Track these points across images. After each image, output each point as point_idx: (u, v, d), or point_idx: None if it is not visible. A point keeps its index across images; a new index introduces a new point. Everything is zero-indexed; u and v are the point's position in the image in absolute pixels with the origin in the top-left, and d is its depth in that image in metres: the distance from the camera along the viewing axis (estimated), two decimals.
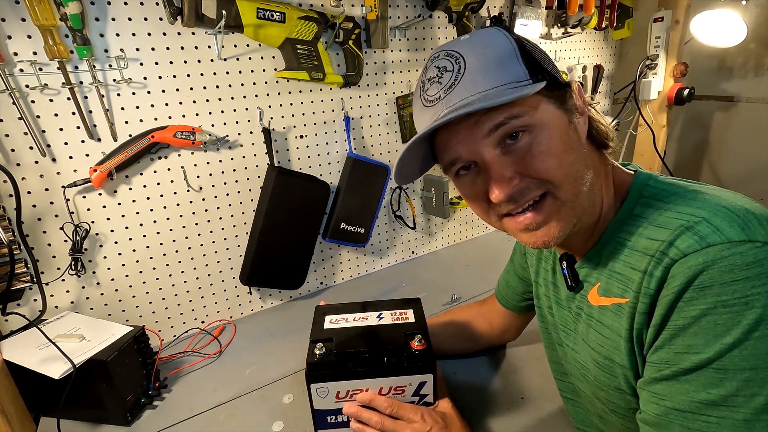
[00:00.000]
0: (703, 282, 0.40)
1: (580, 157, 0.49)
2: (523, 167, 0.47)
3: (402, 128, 1.30)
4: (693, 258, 0.41)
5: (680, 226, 0.44)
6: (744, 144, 1.52)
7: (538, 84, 0.45)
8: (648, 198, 0.50)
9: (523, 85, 0.45)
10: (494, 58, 0.46)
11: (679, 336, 0.42)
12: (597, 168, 0.52)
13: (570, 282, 0.58)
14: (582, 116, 0.51)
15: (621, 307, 0.50)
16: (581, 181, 0.48)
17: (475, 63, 0.46)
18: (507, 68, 0.46)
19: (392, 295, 1.23)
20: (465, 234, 1.56)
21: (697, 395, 0.41)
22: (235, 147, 1.06)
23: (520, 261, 0.78)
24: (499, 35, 0.48)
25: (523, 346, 0.94)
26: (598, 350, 0.54)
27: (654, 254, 0.45)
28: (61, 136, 0.87)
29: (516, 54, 0.46)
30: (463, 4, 1.18)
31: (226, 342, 1.05)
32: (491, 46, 0.47)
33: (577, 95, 0.51)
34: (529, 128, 0.46)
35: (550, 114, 0.47)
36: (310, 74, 1.05)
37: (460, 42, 0.49)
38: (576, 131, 0.50)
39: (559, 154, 0.47)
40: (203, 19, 0.89)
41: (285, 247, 1.12)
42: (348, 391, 0.69)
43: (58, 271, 0.92)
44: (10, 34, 0.79)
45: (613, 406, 0.56)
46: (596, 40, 1.64)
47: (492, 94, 0.44)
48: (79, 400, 0.78)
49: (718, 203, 0.44)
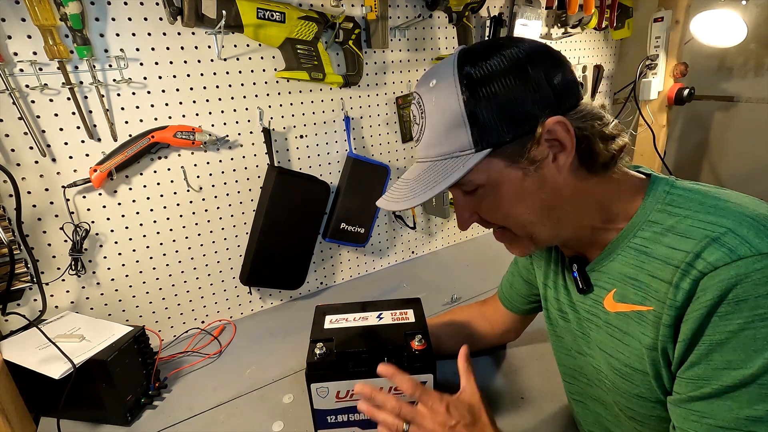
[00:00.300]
0: (738, 296, 0.40)
1: (536, 203, 0.51)
2: (479, 210, 0.54)
3: (402, 128, 1.30)
4: (725, 271, 0.40)
5: (705, 236, 0.43)
6: (744, 144, 1.52)
7: (479, 153, 0.48)
8: (666, 204, 0.49)
9: (465, 155, 0.49)
10: (444, 124, 0.49)
11: (716, 351, 0.42)
12: (584, 192, 0.51)
13: (581, 285, 0.57)
14: (563, 152, 0.49)
15: (642, 315, 0.49)
16: (537, 223, 0.52)
17: (430, 124, 0.51)
18: (454, 136, 0.49)
19: (392, 295, 1.23)
20: (465, 234, 1.56)
21: (741, 412, 0.40)
22: (235, 147, 1.06)
23: (525, 263, 0.78)
24: (452, 95, 0.48)
25: (523, 346, 0.94)
26: (616, 356, 0.53)
27: (679, 265, 0.44)
28: (61, 136, 0.87)
29: (464, 121, 0.48)
30: (463, 4, 1.18)
31: (226, 342, 1.05)
32: (444, 110, 0.49)
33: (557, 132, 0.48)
34: (481, 186, 0.51)
35: (499, 173, 0.50)
36: (310, 74, 1.05)
37: (428, 92, 0.51)
38: (539, 177, 0.49)
39: (505, 208, 0.52)
40: (203, 19, 0.89)
41: (285, 247, 1.12)
42: (348, 391, 0.69)
43: (58, 271, 0.92)
44: (10, 34, 0.79)
45: (632, 413, 0.55)
46: (596, 40, 1.64)
47: (427, 174, 0.51)
48: (79, 400, 0.78)
49: (741, 212, 0.44)
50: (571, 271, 0.59)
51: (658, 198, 0.50)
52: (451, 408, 0.59)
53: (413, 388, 0.61)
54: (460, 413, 0.59)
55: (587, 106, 0.50)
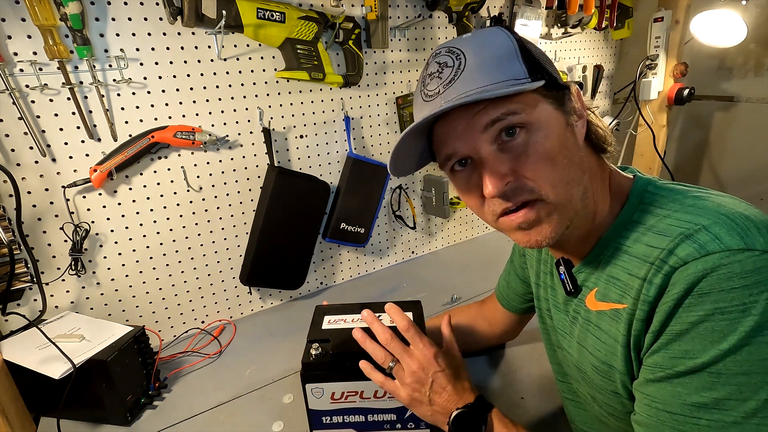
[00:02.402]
0: (702, 289, 0.40)
1: (576, 160, 0.49)
2: (518, 165, 0.47)
3: (402, 128, 1.29)
4: (693, 266, 0.41)
5: (680, 234, 0.44)
6: (744, 144, 1.52)
7: (536, 82, 0.45)
8: (647, 204, 0.50)
9: (522, 83, 0.45)
10: (494, 55, 0.47)
11: (676, 341, 0.43)
12: (593, 171, 0.52)
13: (569, 287, 0.58)
14: (580, 119, 0.51)
15: (619, 312, 0.50)
16: (574, 184, 0.49)
17: (475, 60, 0.47)
18: (506, 66, 0.46)
19: (392, 295, 1.23)
20: (465, 234, 1.56)
21: (689, 398, 0.42)
22: (235, 147, 1.06)
23: (519, 261, 0.79)
24: (500, 34, 0.49)
25: (523, 345, 0.94)
26: (595, 354, 0.54)
27: (654, 262, 0.45)
28: (61, 136, 0.87)
29: (516, 53, 0.47)
30: (463, 4, 1.18)
31: (226, 342, 1.05)
32: (492, 44, 0.47)
33: (576, 98, 0.51)
34: (527, 126, 0.46)
35: (548, 113, 0.48)
36: (310, 74, 1.05)
37: (462, 39, 0.50)
38: (573, 133, 0.50)
39: (554, 155, 0.47)
40: (203, 19, 0.89)
41: (285, 247, 1.12)
42: (343, 392, 0.69)
43: (58, 271, 0.92)
44: (10, 34, 0.79)
45: (611, 409, 0.56)
46: (596, 40, 1.64)
47: (490, 90, 0.45)
48: (79, 400, 0.78)
49: (717, 210, 0.44)
50: (558, 273, 0.60)
51: (641, 198, 0.51)
52: (438, 357, 0.62)
53: (408, 329, 0.63)
54: (446, 363, 0.62)
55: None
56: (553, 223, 0.49)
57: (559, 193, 0.48)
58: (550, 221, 0.49)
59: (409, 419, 0.71)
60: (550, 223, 0.49)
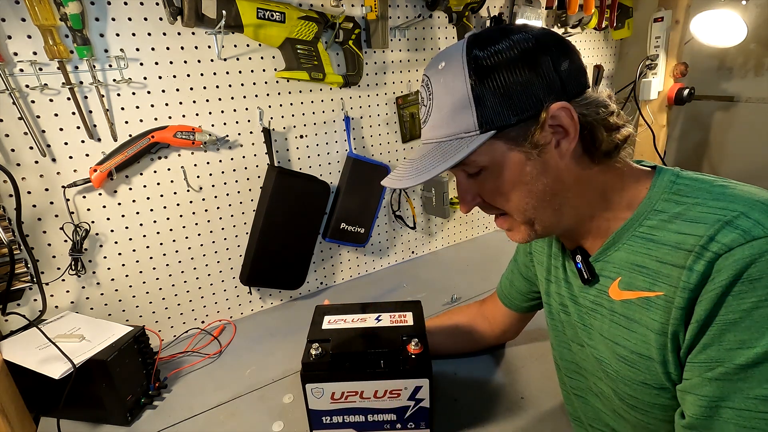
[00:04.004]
0: (752, 275, 0.40)
1: (538, 188, 0.51)
2: (482, 194, 0.55)
3: (402, 128, 1.30)
4: (739, 252, 0.41)
5: (718, 220, 0.44)
6: (744, 144, 1.52)
7: (484, 135, 0.49)
8: (671, 194, 0.50)
9: (470, 136, 0.50)
10: (451, 104, 0.50)
11: (730, 331, 0.41)
12: (583, 182, 0.52)
13: (586, 275, 0.57)
14: (566, 138, 0.50)
15: (650, 300, 0.49)
16: (541, 207, 0.53)
17: (436, 105, 0.52)
18: (459, 118, 0.50)
19: (392, 295, 1.23)
20: (465, 234, 1.56)
21: (752, 391, 0.40)
22: (235, 147, 1.06)
23: (525, 260, 0.78)
24: (460, 76, 0.49)
25: (523, 345, 0.94)
26: (623, 344, 0.53)
27: (692, 249, 0.44)
28: (61, 136, 0.87)
29: (470, 103, 0.49)
30: (463, 4, 1.18)
31: (226, 342, 1.05)
32: (451, 90, 0.50)
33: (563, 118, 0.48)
34: (484, 168, 0.52)
35: (501, 155, 0.51)
36: (310, 74, 1.05)
37: (436, 73, 0.52)
38: (540, 162, 0.50)
39: (506, 192, 0.53)
40: (203, 19, 0.89)
41: (285, 247, 1.12)
42: (343, 392, 0.69)
43: (58, 271, 0.92)
44: (10, 34, 0.79)
45: (635, 401, 0.55)
46: (596, 40, 1.64)
47: (432, 154, 0.52)
48: (79, 400, 0.78)
49: (750, 198, 0.45)
50: (574, 262, 0.60)
51: (664, 187, 0.51)
52: None
53: None
54: None
55: (593, 94, 0.52)
56: (529, 231, 0.55)
57: (522, 214, 0.54)
58: (521, 230, 0.56)
59: (409, 419, 0.71)
60: (522, 232, 0.56)
